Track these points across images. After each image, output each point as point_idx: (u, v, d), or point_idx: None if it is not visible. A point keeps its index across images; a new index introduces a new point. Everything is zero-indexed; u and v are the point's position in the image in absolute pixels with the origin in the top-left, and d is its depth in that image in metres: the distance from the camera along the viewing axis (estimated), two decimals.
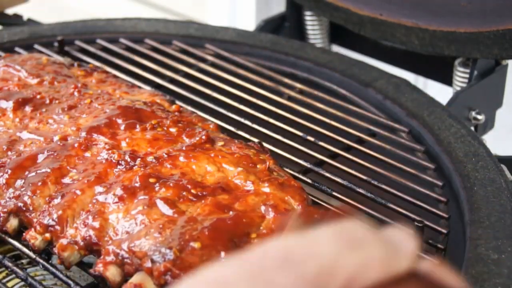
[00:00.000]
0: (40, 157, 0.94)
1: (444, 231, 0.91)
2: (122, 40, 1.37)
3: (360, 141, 1.11)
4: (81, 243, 0.84)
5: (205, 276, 0.41)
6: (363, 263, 0.41)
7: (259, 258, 0.41)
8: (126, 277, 0.81)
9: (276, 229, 0.81)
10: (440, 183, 1.00)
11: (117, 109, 1.03)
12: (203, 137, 0.97)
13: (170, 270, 0.76)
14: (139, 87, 1.18)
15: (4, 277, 1.04)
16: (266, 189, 0.88)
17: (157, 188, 0.87)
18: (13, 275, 0.97)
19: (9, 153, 0.97)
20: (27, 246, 0.88)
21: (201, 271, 0.40)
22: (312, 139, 1.09)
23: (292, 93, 1.22)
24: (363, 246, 0.41)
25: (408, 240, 0.43)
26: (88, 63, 1.27)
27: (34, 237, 0.87)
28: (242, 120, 1.14)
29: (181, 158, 0.93)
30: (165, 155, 0.93)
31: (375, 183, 0.99)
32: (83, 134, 0.98)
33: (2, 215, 0.90)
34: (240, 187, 0.89)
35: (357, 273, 0.41)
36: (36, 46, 1.33)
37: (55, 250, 0.85)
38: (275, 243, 0.42)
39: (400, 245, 0.43)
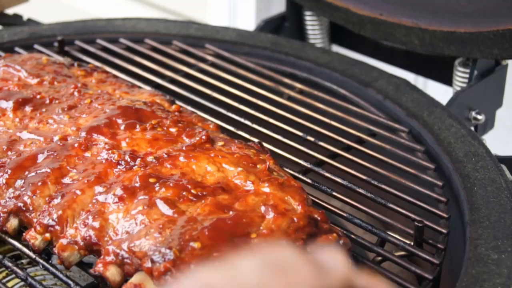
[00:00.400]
0: (40, 157, 0.94)
1: (444, 231, 0.91)
2: (122, 40, 1.37)
3: (360, 141, 1.11)
4: (81, 243, 0.84)
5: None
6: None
7: None
8: (126, 277, 0.81)
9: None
10: (440, 183, 1.00)
11: (117, 109, 1.03)
12: (203, 137, 0.97)
13: (170, 270, 0.76)
14: (139, 87, 1.18)
15: (4, 277, 1.04)
16: (266, 189, 0.88)
17: (157, 188, 0.87)
18: (13, 275, 0.97)
19: (9, 153, 0.97)
20: (27, 246, 0.88)
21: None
22: (312, 139, 1.09)
23: (292, 93, 1.22)
24: (291, 270, 0.40)
25: (338, 258, 0.43)
26: (88, 63, 1.27)
27: (34, 237, 0.87)
28: (242, 120, 1.14)
29: (181, 158, 0.93)
30: (165, 155, 0.93)
31: (375, 183, 0.99)
32: (83, 134, 0.98)
33: (2, 215, 0.90)
34: (240, 187, 0.89)
35: None
36: (36, 46, 1.33)
37: (55, 250, 0.85)
38: (197, 275, 0.42)
39: (330, 265, 0.42)
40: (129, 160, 0.92)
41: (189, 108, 1.13)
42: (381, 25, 1.33)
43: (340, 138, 1.10)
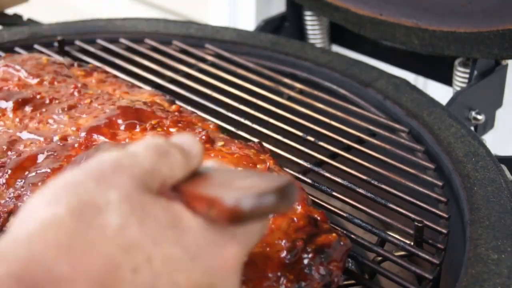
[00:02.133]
0: (40, 157, 0.94)
1: (444, 231, 0.91)
2: (122, 40, 1.37)
3: (360, 141, 1.11)
4: None
5: (57, 182, 0.50)
6: (172, 167, 0.53)
7: (98, 165, 0.51)
8: None
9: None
10: (440, 183, 1.00)
11: (117, 109, 1.03)
12: (203, 137, 0.97)
13: None
14: (139, 87, 1.18)
15: None
16: None
17: None
18: None
19: (9, 153, 0.97)
20: None
21: (53, 180, 0.49)
22: (312, 139, 1.09)
23: (292, 93, 1.22)
24: (168, 153, 0.54)
25: (194, 143, 0.57)
26: (88, 63, 1.27)
27: None
28: (242, 120, 1.14)
29: None
30: None
31: (375, 183, 0.99)
32: (83, 134, 0.98)
33: (2, 215, 0.90)
34: None
35: (169, 175, 0.53)
36: (36, 46, 1.33)
37: None
38: (106, 156, 0.52)
39: (190, 148, 0.56)
40: None
41: (189, 108, 1.13)
42: (381, 25, 1.33)
43: (340, 138, 1.10)
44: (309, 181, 1.00)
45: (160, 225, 0.49)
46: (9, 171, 0.92)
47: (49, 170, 0.92)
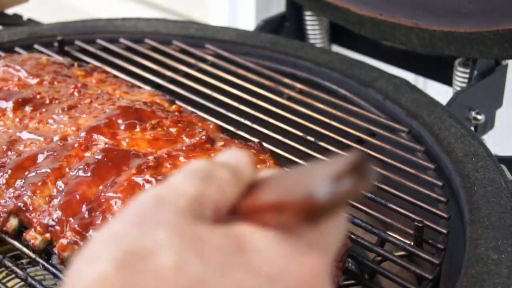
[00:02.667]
0: (40, 157, 0.94)
1: (444, 231, 0.91)
2: (122, 40, 1.37)
3: (360, 141, 1.11)
4: (81, 243, 0.84)
5: (98, 236, 0.45)
6: (220, 188, 0.47)
7: (137, 208, 0.46)
8: None
9: None
10: (440, 183, 1.00)
11: (117, 109, 1.03)
12: (203, 137, 0.97)
13: None
14: (139, 87, 1.18)
15: (4, 277, 1.04)
16: None
17: None
18: (13, 275, 0.97)
19: (9, 153, 0.97)
20: (27, 246, 0.88)
21: (95, 234, 0.45)
22: (312, 139, 1.09)
23: (292, 93, 1.22)
24: (213, 175, 0.48)
25: (240, 155, 0.51)
26: (88, 63, 1.27)
27: (34, 237, 0.87)
28: (242, 120, 1.14)
29: (181, 158, 0.93)
30: (165, 155, 0.93)
31: (375, 183, 0.99)
32: (83, 134, 0.98)
33: (2, 215, 0.90)
34: None
35: (220, 197, 0.47)
36: (36, 46, 1.33)
37: (55, 250, 0.85)
38: (144, 195, 0.47)
39: (236, 162, 0.50)
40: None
41: (189, 108, 1.13)
42: (381, 25, 1.33)
43: (340, 138, 1.10)
44: None
45: (224, 253, 0.43)
46: (9, 171, 0.92)
47: (49, 170, 0.92)
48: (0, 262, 0.88)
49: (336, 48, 1.55)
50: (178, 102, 1.13)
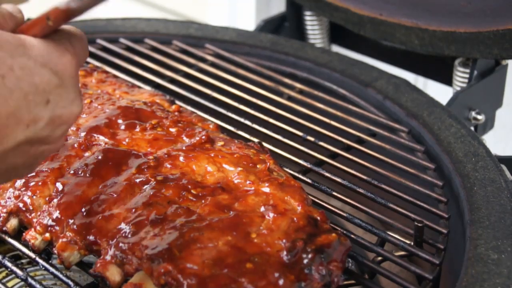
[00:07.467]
0: None
1: (444, 231, 0.91)
2: (122, 40, 1.37)
3: (360, 141, 1.11)
4: (81, 243, 0.84)
5: None
6: (3, 16, 0.71)
7: None
8: (126, 277, 0.81)
9: None
10: (440, 183, 1.00)
11: (117, 109, 1.03)
12: (203, 137, 0.97)
13: (169, 270, 0.76)
14: (139, 87, 1.18)
15: (4, 277, 1.04)
16: (266, 189, 0.88)
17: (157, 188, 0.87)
18: (13, 275, 0.97)
19: None
20: (27, 246, 0.88)
21: None
22: (312, 139, 1.09)
23: (292, 93, 1.22)
24: None
25: (13, 7, 0.74)
26: (88, 63, 1.27)
27: (34, 237, 0.87)
28: (242, 120, 1.14)
29: (181, 158, 0.93)
30: (165, 155, 0.93)
31: (375, 183, 0.99)
32: (83, 134, 0.98)
33: (2, 215, 0.90)
34: (240, 187, 0.89)
35: (3, 22, 0.70)
36: None
37: (55, 250, 0.85)
38: None
39: (12, 9, 0.73)
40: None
41: (189, 108, 1.13)
42: (381, 25, 1.33)
43: (340, 138, 1.10)
44: (309, 181, 1.00)
45: (12, 44, 0.64)
46: None
47: (49, 170, 0.92)
48: (0, 262, 0.88)
49: (336, 48, 1.55)
50: (178, 102, 1.13)
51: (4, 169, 0.66)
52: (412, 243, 0.90)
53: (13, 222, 0.90)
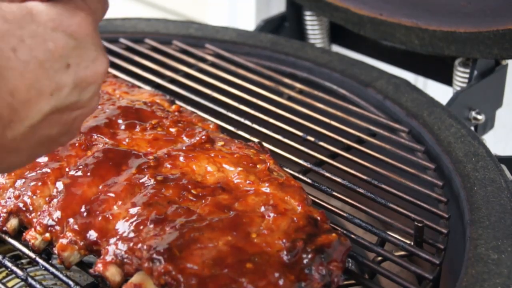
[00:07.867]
0: (40, 157, 0.94)
1: (444, 231, 0.91)
2: (122, 40, 1.37)
3: (360, 141, 1.11)
4: (81, 243, 0.84)
5: None
6: None
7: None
8: (126, 277, 0.81)
9: None
10: (440, 183, 1.00)
11: (117, 109, 1.03)
12: (203, 137, 0.97)
13: (170, 270, 0.76)
14: (139, 87, 1.18)
15: (4, 277, 1.04)
16: (266, 189, 0.88)
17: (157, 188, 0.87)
18: (13, 275, 0.97)
19: None
20: (27, 246, 0.88)
21: None
22: (312, 139, 1.09)
23: (292, 93, 1.22)
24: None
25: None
26: None
27: (34, 237, 0.87)
28: (242, 120, 1.14)
29: (181, 158, 0.93)
30: (165, 155, 0.93)
31: (375, 183, 0.99)
32: (83, 134, 0.98)
33: (2, 215, 0.90)
34: (240, 187, 0.89)
35: None
36: None
37: (55, 250, 0.85)
38: None
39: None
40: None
41: (189, 108, 1.13)
42: (381, 25, 1.33)
43: (340, 138, 1.10)
44: (309, 181, 1.00)
45: (18, 14, 0.61)
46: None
47: (49, 170, 0.92)
48: (0, 262, 0.88)
49: (336, 48, 1.55)
50: (178, 102, 1.13)
51: (38, 141, 0.64)
52: (412, 243, 0.90)
53: (13, 222, 0.90)
